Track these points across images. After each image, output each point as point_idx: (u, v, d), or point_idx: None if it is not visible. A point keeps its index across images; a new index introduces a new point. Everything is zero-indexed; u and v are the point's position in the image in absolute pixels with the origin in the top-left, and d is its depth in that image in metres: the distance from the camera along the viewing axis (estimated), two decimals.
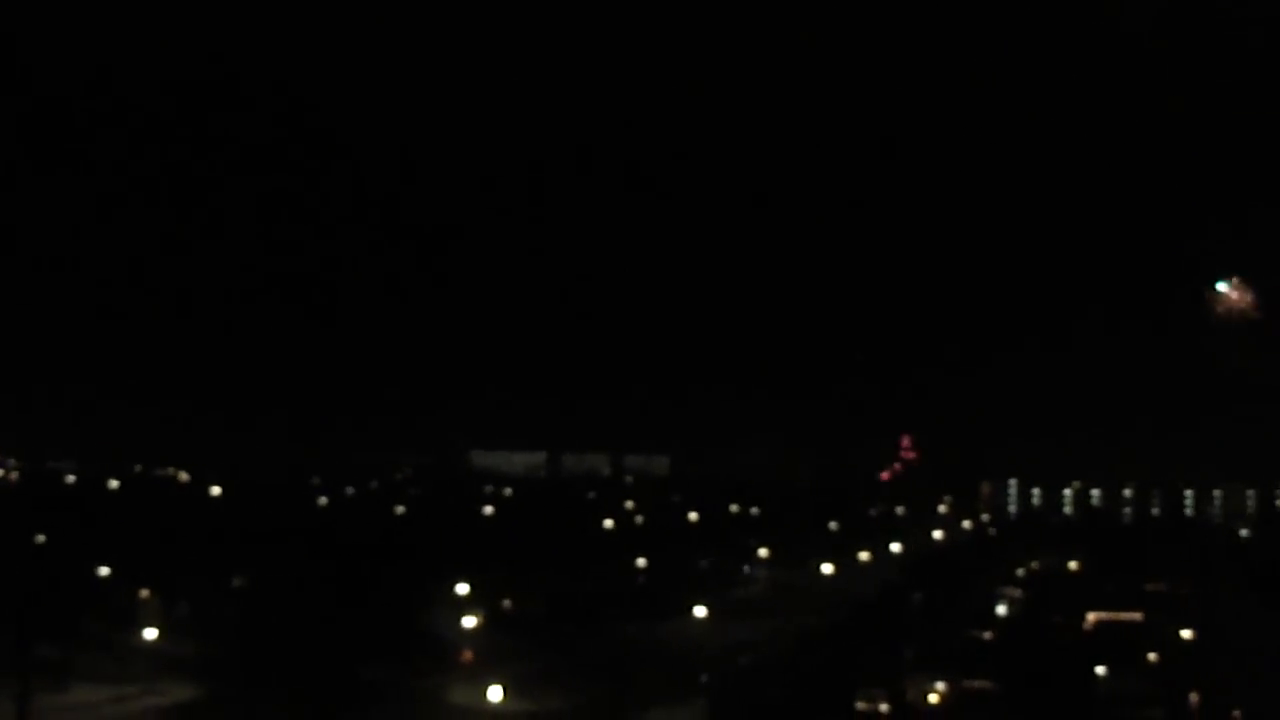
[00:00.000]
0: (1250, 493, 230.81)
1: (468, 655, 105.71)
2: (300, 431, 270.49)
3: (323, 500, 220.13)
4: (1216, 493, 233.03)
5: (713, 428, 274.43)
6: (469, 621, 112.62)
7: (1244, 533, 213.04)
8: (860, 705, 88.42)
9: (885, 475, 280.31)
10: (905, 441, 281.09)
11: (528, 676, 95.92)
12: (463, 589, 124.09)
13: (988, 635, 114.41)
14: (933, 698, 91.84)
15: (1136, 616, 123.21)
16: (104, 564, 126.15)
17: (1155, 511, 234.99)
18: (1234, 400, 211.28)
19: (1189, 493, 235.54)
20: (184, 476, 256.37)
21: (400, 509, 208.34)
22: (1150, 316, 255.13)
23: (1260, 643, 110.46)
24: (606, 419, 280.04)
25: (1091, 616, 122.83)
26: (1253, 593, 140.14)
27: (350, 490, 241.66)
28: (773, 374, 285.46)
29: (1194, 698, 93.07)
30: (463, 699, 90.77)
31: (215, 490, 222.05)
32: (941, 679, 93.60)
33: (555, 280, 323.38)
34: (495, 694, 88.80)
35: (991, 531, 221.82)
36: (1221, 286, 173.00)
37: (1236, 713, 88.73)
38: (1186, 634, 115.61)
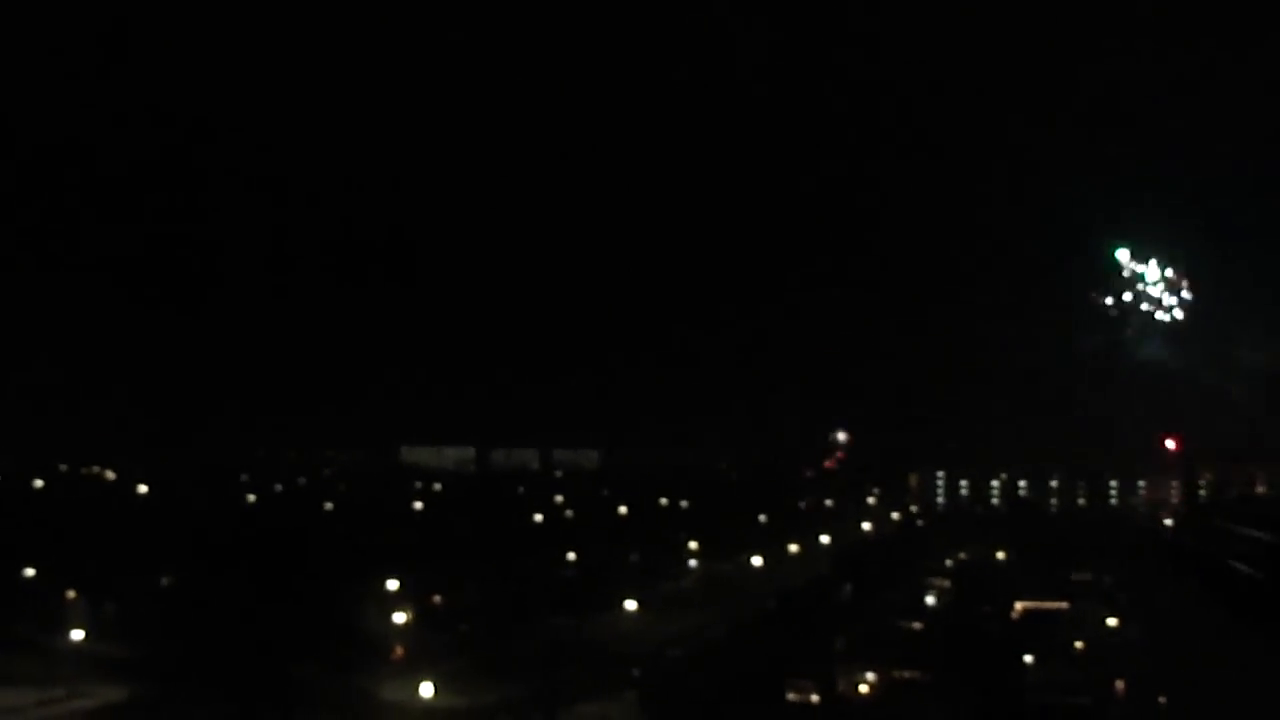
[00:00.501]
0: (1174, 483, 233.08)
1: (398, 651, 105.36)
2: (226, 428, 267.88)
3: (251, 497, 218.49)
4: (1141, 482, 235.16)
5: (642, 421, 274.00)
6: (399, 617, 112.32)
7: (1168, 521, 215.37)
8: (790, 696, 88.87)
9: (829, 464, 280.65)
10: (840, 434, 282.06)
11: (459, 672, 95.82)
12: (393, 585, 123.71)
13: (917, 625, 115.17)
14: (863, 688, 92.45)
15: (1063, 605, 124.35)
16: (29, 564, 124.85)
17: (1081, 501, 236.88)
18: (1157, 392, 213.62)
19: (1114, 482, 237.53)
20: (110, 475, 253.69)
21: (329, 505, 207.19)
22: (1073, 310, 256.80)
23: (1184, 628, 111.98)
24: (535, 413, 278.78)
25: (1019, 606, 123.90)
26: (1176, 580, 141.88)
27: (278, 487, 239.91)
28: (702, 367, 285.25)
29: (1120, 685, 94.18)
30: (394, 695, 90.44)
31: (142, 488, 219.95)
32: (871, 669, 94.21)
33: (482, 274, 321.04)
34: (426, 690, 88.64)
35: (920, 523, 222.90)
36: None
37: (1162, 699, 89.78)
38: (1112, 622, 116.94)
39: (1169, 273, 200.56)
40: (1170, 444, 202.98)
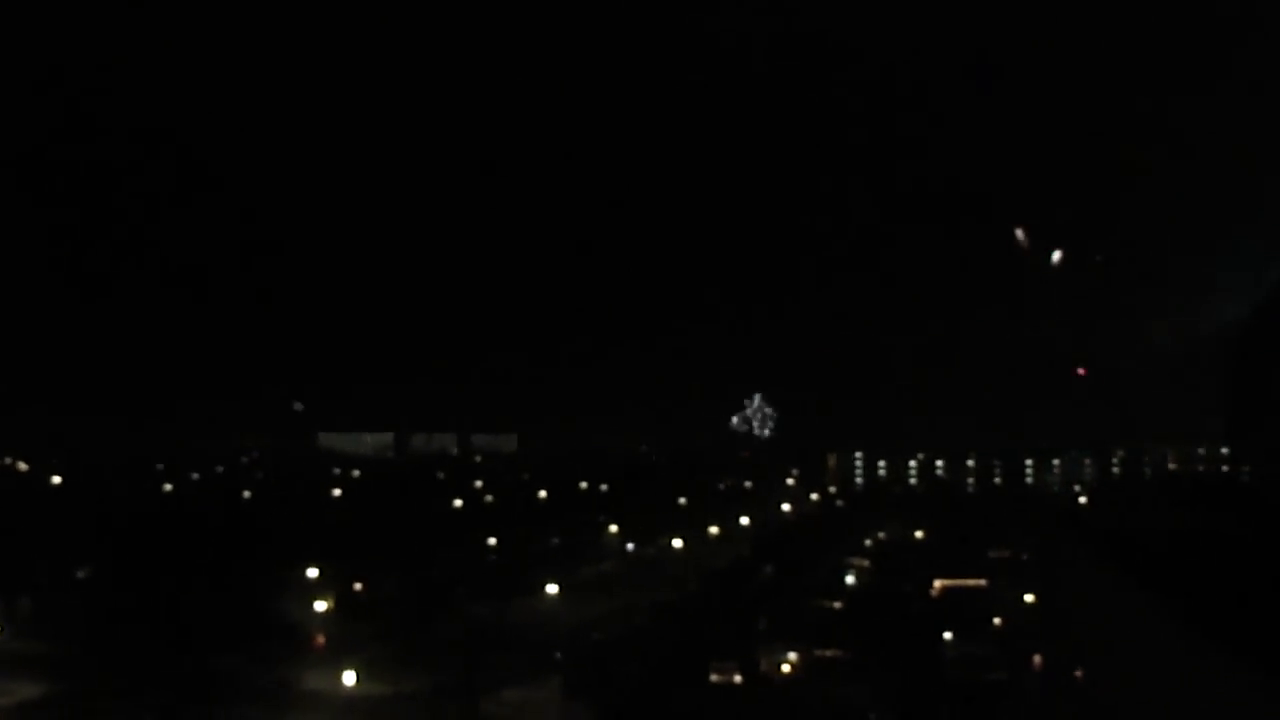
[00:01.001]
0: (1087, 461, 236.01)
1: (319, 640, 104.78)
2: (143, 417, 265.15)
3: (168, 486, 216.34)
4: (1055, 461, 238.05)
5: (561, 404, 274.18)
6: (320, 605, 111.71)
7: (1082, 500, 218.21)
8: (714, 677, 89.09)
9: (746, 453, 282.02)
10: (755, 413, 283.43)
11: (381, 659, 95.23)
12: (313, 573, 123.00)
13: (837, 605, 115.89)
14: (785, 668, 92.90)
15: (981, 583, 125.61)
16: None
17: (997, 480, 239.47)
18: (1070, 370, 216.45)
19: (1029, 462, 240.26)
20: (22, 466, 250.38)
21: (247, 493, 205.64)
22: (994, 293, 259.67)
23: (1099, 603, 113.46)
24: (453, 398, 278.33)
25: (938, 584, 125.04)
26: (1090, 557, 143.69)
27: (196, 475, 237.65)
28: (621, 350, 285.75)
29: (1037, 659, 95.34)
30: (315, 684, 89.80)
31: (56, 479, 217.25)
32: (793, 649, 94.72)
33: (399, 260, 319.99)
34: (349, 678, 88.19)
35: (839, 503, 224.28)
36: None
37: (1078, 672, 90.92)
38: (1029, 598, 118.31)
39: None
40: (1080, 371, 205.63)
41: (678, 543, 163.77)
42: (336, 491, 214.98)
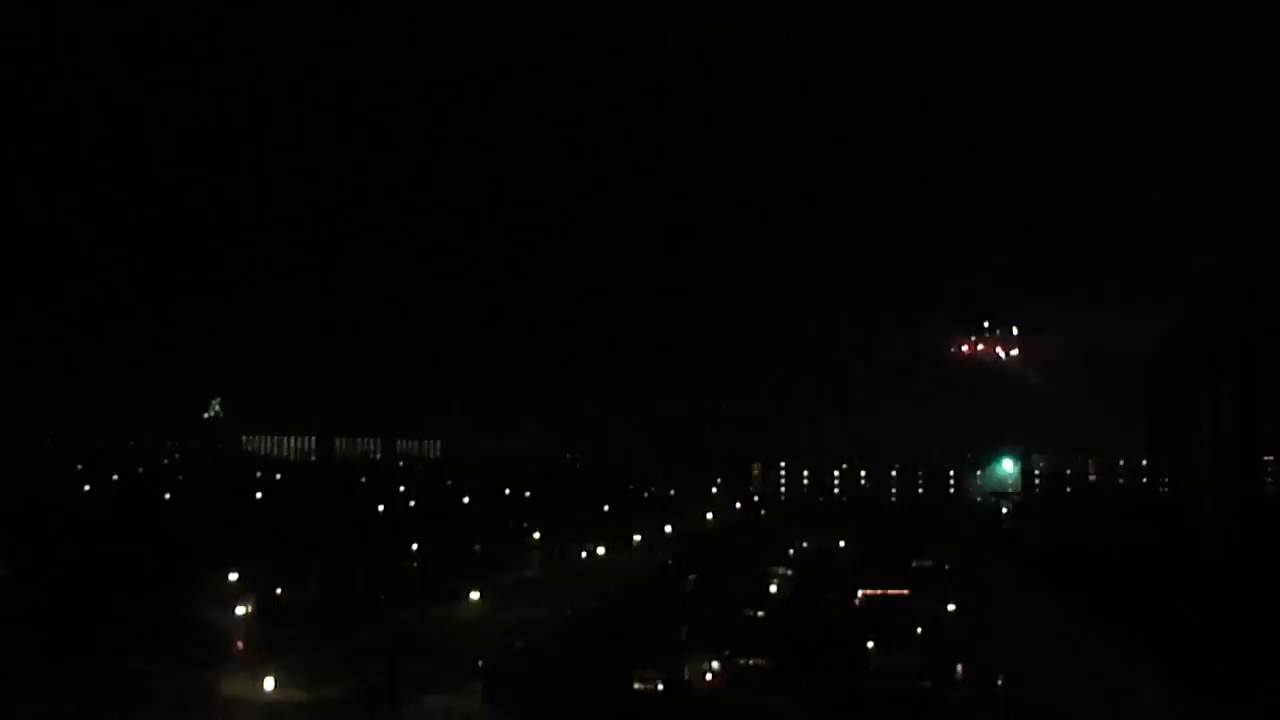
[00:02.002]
0: (1010, 471, 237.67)
1: (239, 645, 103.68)
2: (63, 415, 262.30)
3: (87, 486, 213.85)
4: (979, 471, 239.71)
5: (486, 410, 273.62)
6: (240, 610, 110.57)
7: (1005, 509, 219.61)
8: (637, 685, 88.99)
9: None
10: None
11: (301, 665, 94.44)
12: (233, 576, 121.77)
13: (761, 614, 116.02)
14: (708, 676, 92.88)
15: (904, 592, 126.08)
16: None
17: (920, 491, 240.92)
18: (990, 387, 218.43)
19: (952, 471, 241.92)
20: None
21: (168, 495, 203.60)
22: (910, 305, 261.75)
23: (1022, 613, 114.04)
24: (378, 402, 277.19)
25: (861, 593, 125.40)
26: (1012, 566, 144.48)
27: (115, 476, 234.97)
28: (542, 357, 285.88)
29: (960, 668, 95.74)
30: (235, 690, 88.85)
31: None
32: (716, 657, 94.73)
33: (325, 264, 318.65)
34: (268, 684, 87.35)
35: (763, 512, 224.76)
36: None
37: (1000, 681, 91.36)
38: (951, 608, 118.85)
39: None
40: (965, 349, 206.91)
41: (601, 550, 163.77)
42: (259, 494, 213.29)
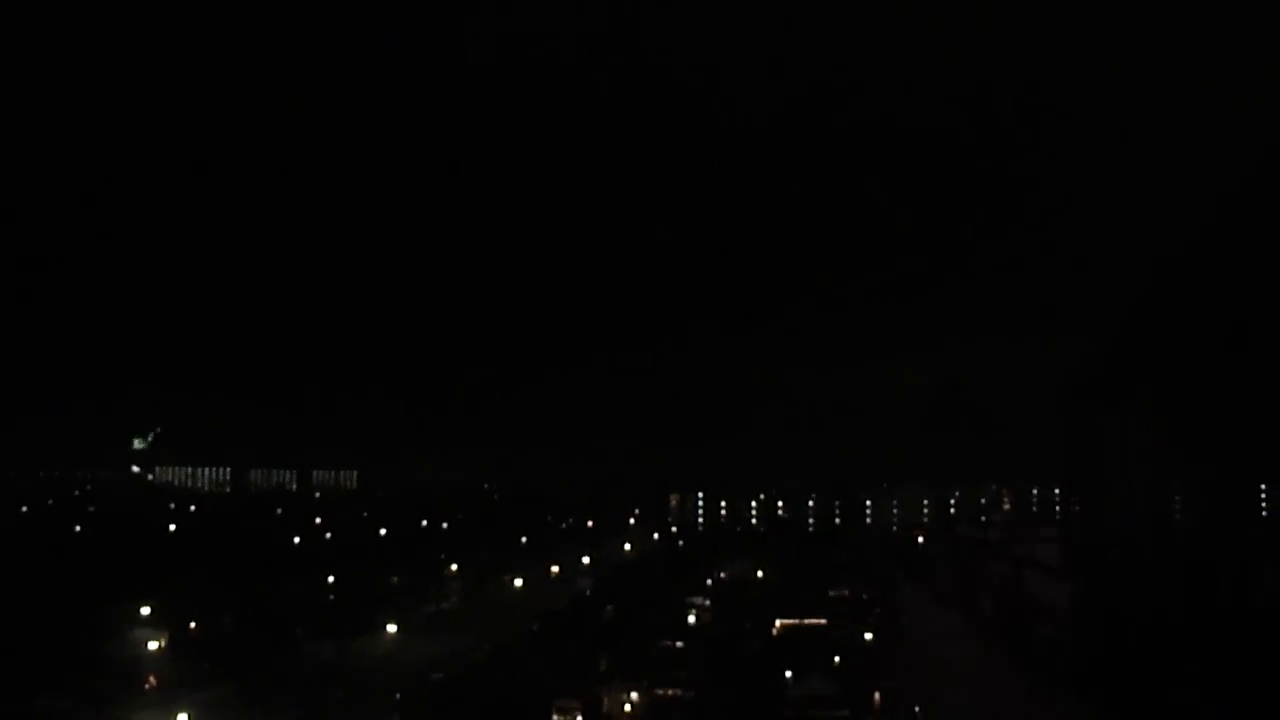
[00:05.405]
0: (925, 502, 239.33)
1: (152, 679, 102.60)
2: None
3: None
4: (895, 502, 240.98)
5: (402, 441, 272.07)
6: (153, 644, 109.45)
7: (920, 539, 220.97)
8: (556, 716, 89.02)
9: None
10: None
11: (216, 700, 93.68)
12: (145, 610, 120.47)
13: (679, 644, 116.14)
14: (627, 707, 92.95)
15: (821, 621, 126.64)
16: None
17: (838, 521, 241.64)
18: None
19: (868, 501, 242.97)
20: None
21: (78, 527, 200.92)
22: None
23: (936, 642, 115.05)
24: (293, 433, 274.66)
25: (779, 623, 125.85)
26: (928, 593, 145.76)
27: (25, 508, 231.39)
28: (461, 386, 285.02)
29: (877, 696, 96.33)
30: None
31: None
32: (635, 687, 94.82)
33: (241, 294, 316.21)
34: (181, 719, 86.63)
35: (680, 543, 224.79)
36: None
37: (917, 709, 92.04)
38: (868, 636, 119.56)
39: None
40: None
41: (519, 581, 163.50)
42: (172, 527, 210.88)
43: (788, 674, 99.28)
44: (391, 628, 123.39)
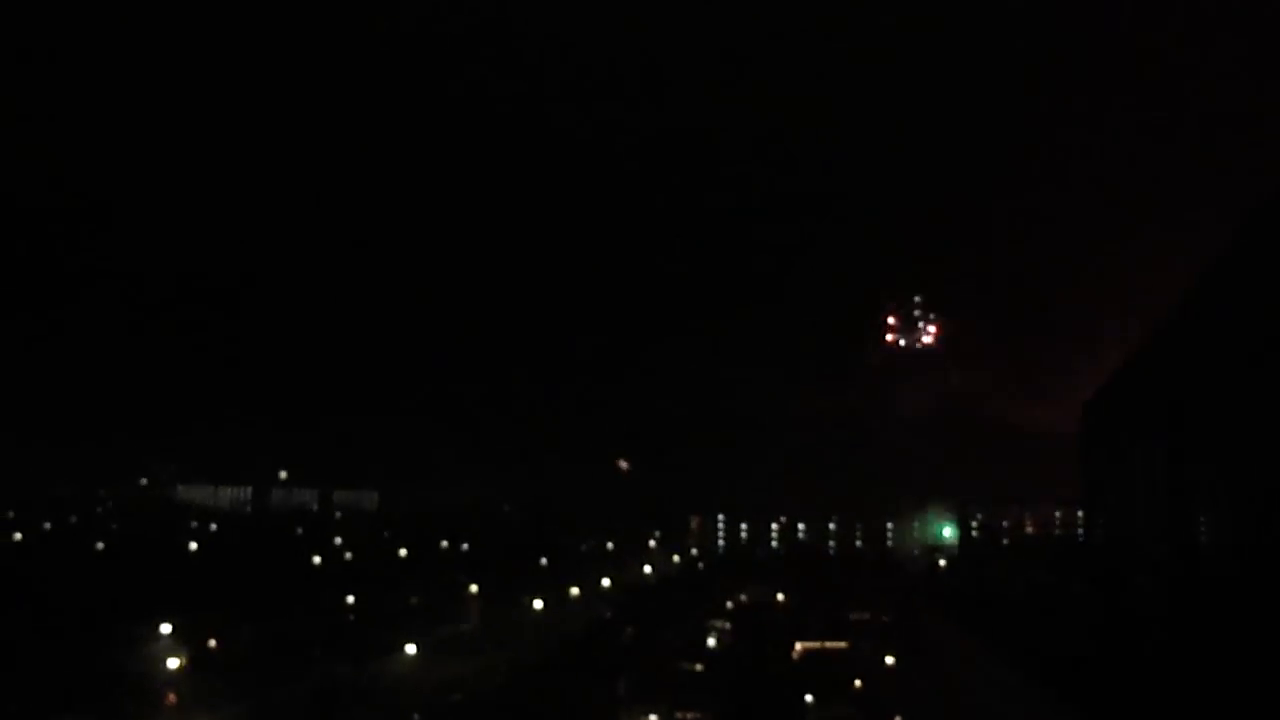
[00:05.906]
0: (947, 523, 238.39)
1: (171, 698, 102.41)
2: None
3: (17, 535, 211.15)
4: (916, 524, 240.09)
5: (423, 462, 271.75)
6: (173, 662, 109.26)
7: (942, 562, 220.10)
8: None
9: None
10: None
11: (235, 718, 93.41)
12: (166, 628, 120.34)
13: (699, 667, 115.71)
14: None
15: (842, 645, 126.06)
16: None
17: (859, 544, 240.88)
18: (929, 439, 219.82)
19: (890, 524, 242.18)
20: None
21: (100, 544, 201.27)
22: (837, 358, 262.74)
23: (959, 666, 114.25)
24: (315, 453, 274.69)
25: (799, 646, 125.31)
26: (951, 618, 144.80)
27: (47, 525, 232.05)
28: (480, 407, 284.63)
29: None
30: None
31: None
32: (654, 711, 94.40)
33: (261, 312, 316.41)
34: None
35: (701, 565, 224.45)
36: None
37: None
38: (890, 661, 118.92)
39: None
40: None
41: (539, 603, 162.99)
42: (193, 545, 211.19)
43: (808, 698, 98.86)
44: (410, 648, 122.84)
